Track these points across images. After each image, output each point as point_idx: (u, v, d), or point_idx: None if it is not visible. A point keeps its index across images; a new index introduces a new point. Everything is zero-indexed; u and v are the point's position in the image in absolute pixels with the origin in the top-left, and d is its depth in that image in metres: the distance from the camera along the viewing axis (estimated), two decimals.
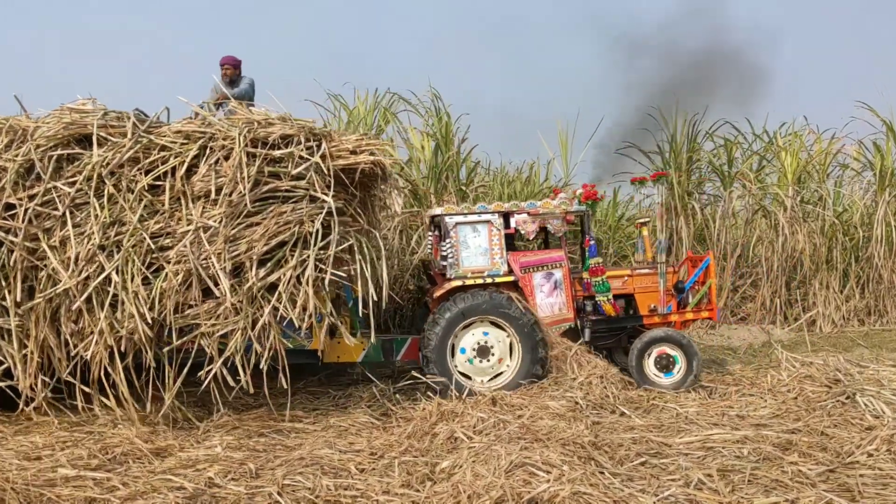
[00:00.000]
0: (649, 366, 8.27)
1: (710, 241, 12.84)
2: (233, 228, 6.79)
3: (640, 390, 7.92)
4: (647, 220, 9.18)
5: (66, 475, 5.31)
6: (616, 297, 8.62)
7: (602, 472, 5.15)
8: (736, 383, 8.25)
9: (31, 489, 4.94)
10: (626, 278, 8.70)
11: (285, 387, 6.86)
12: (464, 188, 12.02)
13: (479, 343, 8.04)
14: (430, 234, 8.95)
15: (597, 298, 8.43)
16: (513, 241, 8.73)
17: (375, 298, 7.19)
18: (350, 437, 6.55)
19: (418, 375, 8.19)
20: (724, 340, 11.57)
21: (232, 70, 8.95)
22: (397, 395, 7.81)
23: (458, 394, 7.46)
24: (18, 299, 6.65)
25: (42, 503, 4.83)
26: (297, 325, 6.83)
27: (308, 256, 6.78)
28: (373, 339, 7.54)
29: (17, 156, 6.80)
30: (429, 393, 7.64)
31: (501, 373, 8.04)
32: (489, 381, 8.00)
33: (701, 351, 10.71)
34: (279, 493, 4.98)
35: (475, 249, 8.22)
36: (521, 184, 12.99)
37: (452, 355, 8.03)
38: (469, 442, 5.87)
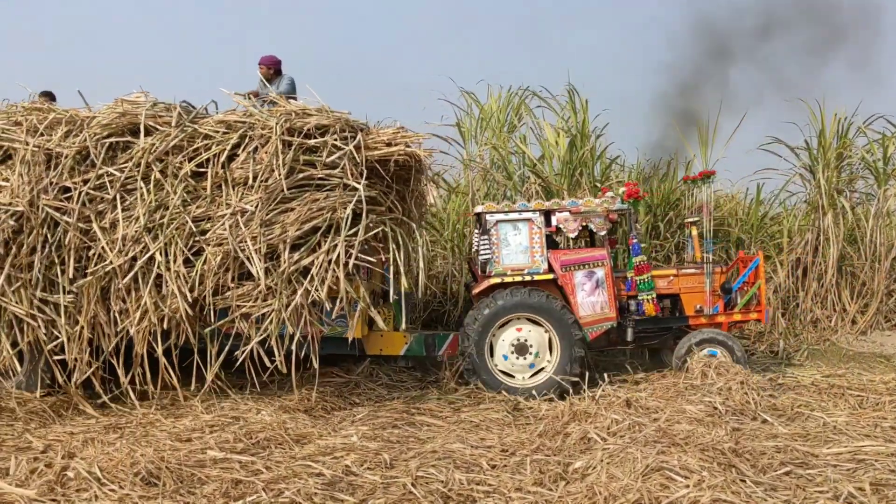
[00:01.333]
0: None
1: (861, 241, 12.09)
2: (268, 213, 7.12)
3: (784, 397, 7.55)
4: (697, 219, 8.88)
5: (214, 457, 5.58)
6: (662, 297, 8.53)
7: (744, 481, 4.94)
8: (890, 393, 7.72)
9: (183, 468, 5.24)
10: (671, 278, 8.57)
11: (315, 370, 7.29)
12: (598, 184, 11.82)
13: (517, 340, 8.07)
14: (476, 231, 8.92)
15: (639, 297, 8.32)
16: (554, 240, 8.67)
17: (406, 288, 7.46)
18: (481, 433, 6.58)
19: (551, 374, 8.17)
20: (877, 347, 10.87)
21: (265, 69, 9.10)
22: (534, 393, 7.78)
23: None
24: (72, 276, 7.13)
25: (193, 482, 5.11)
26: (328, 308, 7.12)
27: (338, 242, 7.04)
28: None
29: (74, 143, 7.33)
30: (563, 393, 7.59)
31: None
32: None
33: (851, 359, 10.19)
34: (413, 485, 5.06)
35: (515, 247, 8.27)
36: (657, 180, 12.64)
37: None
38: (603, 443, 5.77)
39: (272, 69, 9.10)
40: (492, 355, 8.11)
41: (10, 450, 5.87)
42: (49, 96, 8.96)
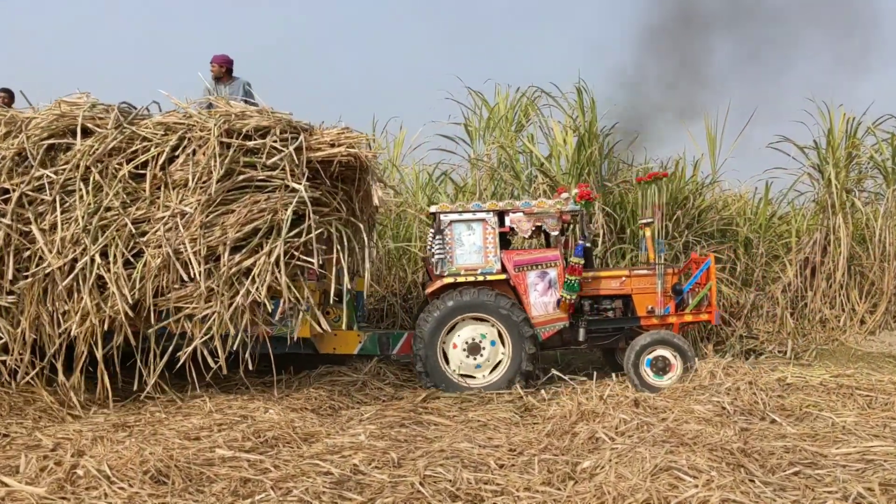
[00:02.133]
0: (644, 368, 8.11)
1: (869, 241, 12.04)
2: (207, 215, 7.14)
3: (792, 397, 7.52)
4: (650, 220, 8.86)
5: (223, 456, 5.60)
6: (614, 297, 8.61)
7: (752, 481, 4.92)
8: None
9: (192, 467, 5.26)
10: (623, 279, 8.59)
11: (251, 370, 7.36)
12: (607, 183, 11.80)
13: (469, 340, 8.16)
14: (430, 231, 8.96)
15: (560, 293, 8.29)
16: (508, 240, 8.74)
17: (350, 287, 7.64)
18: (489, 433, 6.58)
19: (559, 374, 8.18)
20: (886, 347, 10.83)
21: (217, 68, 9.10)
22: (542, 392, 7.78)
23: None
24: (11, 278, 7.12)
25: (202, 480, 5.12)
26: (270, 310, 7.23)
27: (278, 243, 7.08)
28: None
29: (13, 145, 7.32)
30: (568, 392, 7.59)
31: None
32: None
33: (860, 358, 10.15)
34: (421, 484, 5.06)
35: (469, 247, 8.32)
36: (665, 180, 12.60)
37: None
38: (611, 443, 5.76)
39: (224, 68, 9.14)
40: (444, 356, 8.21)
41: (20, 448, 5.90)
42: (7, 93, 8.92)
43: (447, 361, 8.20)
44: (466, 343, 8.19)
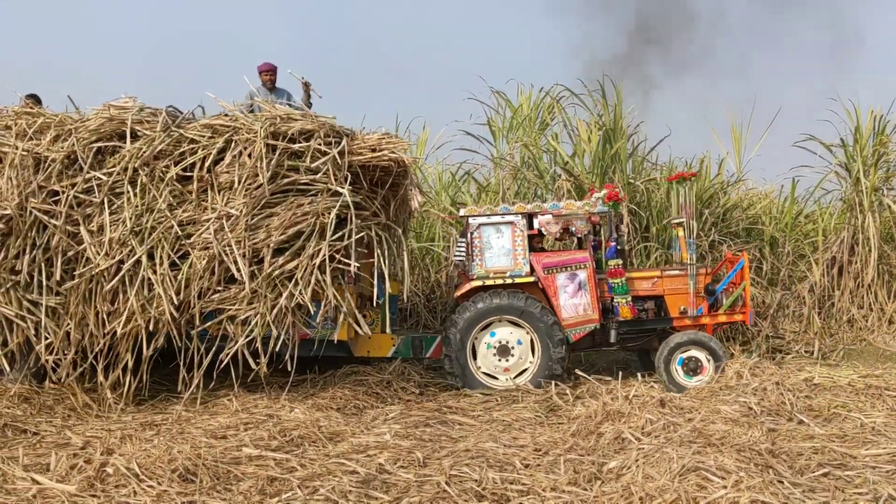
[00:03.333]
0: (676, 369, 8.08)
1: None
2: (253, 217, 7.19)
3: (820, 398, 7.44)
4: (682, 220, 8.77)
5: (249, 454, 5.64)
6: (646, 298, 8.54)
7: (781, 482, 4.88)
8: None
9: (219, 465, 5.30)
10: (655, 280, 8.55)
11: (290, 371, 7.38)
12: (631, 181, 11.74)
13: (499, 342, 8.16)
14: (460, 234, 8.94)
15: (615, 300, 8.31)
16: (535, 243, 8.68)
17: (391, 291, 7.60)
18: (514, 433, 6.56)
19: (581, 374, 8.15)
20: None
21: (271, 76, 9.26)
22: (567, 392, 7.75)
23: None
24: (59, 279, 7.19)
25: (229, 479, 5.16)
26: (312, 312, 7.25)
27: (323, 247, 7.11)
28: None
29: (62, 148, 7.40)
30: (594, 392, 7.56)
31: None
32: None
33: (888, 358, 10.02)
34: (447, 483, 5.06)
35: (498, 250, 8.32)
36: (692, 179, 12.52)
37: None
38: (637, 443, 5.73)
39: (275, 76, 9.31)
40: (474, 357, 8.21)
41: (50, 446, 5.98)
42: (35, 99, 9.04)
43: (476, 361, 8.21)
44: (497, 344, 8.19)
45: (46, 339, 7.23)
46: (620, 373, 8.24)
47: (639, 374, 8.24)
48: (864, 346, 10.80)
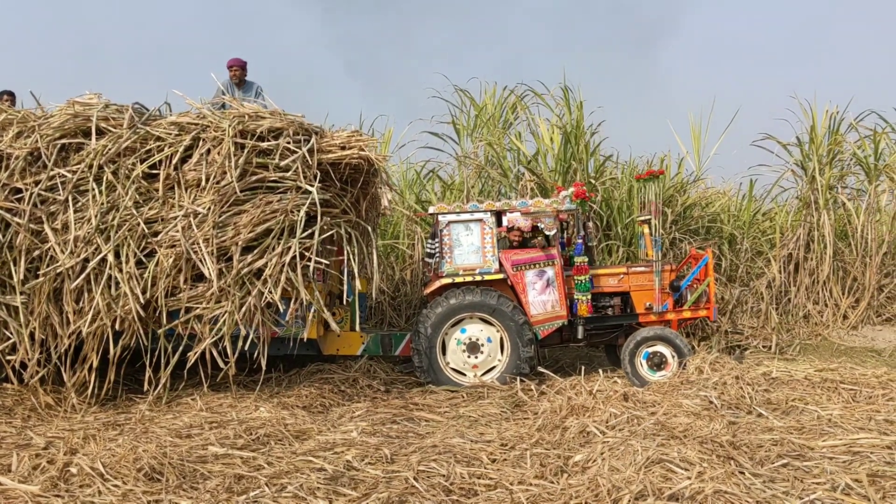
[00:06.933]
0: (641, 363, 8.24)
1: (852, 237, 12.18)
2: (220, 215, 7.16)
3: (778, 392, 7.61)
4: (647, 217, 8.92)
5: (216, 453, 5.61)
6: (612, 295, 8.68)
7: (742, 473, 4.99)
8: (882, 386, 7.76)
9: (185, 464, 5.26)
10: (621, 276, 8.68)
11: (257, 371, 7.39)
12: (593, 181, 11.87)
13: (469, 339, 8.24)
14: (429, 231, 9.02)
15: (575, 296, 8.41)
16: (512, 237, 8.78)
17: (360, 289, 7.69)
18: (480, 428, 6.61)
19: (544, 370, 8.24)
20: (868, 342, 10.97)
21: (240, 71, 9.28)
22: (531, 389, 7.82)
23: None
24: (22, 278, 7.08)
25: (195, 477, 5.13)
26: (281, 310, 7.25)
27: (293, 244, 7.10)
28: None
29: (25, 145, 7.30)
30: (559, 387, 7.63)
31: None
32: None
33: (843, 353, 10.27)
34: (415, 479, 5.08)
35: (467, 247, 8.40)
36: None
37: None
38: (602, 437, 5.81)
39: (244, 72, 9.29)
40: (444, 353, 8.27)
41: (11, 447, 5.88)
42: (10, 95, 8.87)
43: (445, 357, 8.26)
44: (467, 341, 8.24)
45: (9, 339, 7.09)
46: (584, 368, 8.34)
47: (601, 370, 8.34)
48: (819, 340, 11.05)
